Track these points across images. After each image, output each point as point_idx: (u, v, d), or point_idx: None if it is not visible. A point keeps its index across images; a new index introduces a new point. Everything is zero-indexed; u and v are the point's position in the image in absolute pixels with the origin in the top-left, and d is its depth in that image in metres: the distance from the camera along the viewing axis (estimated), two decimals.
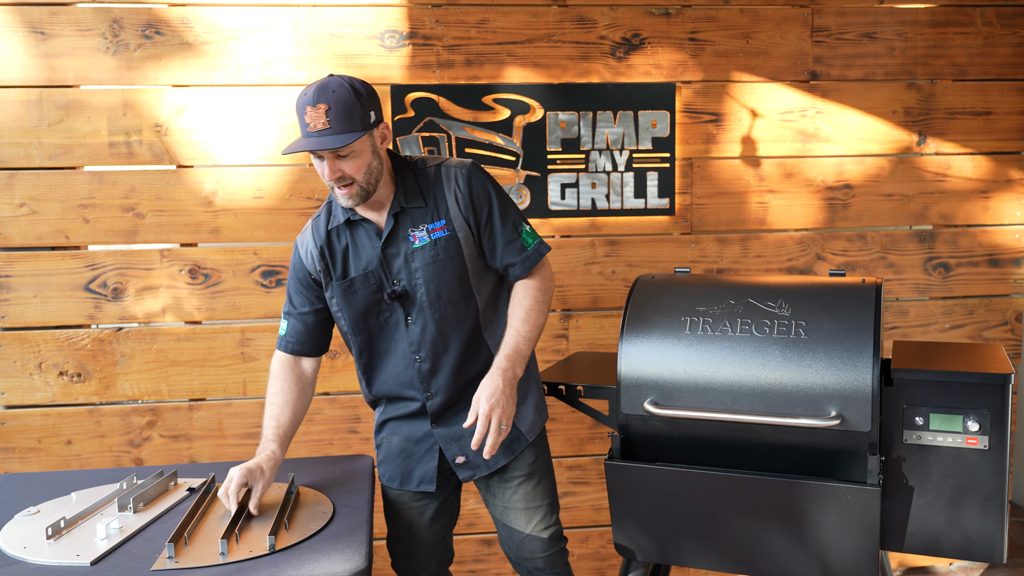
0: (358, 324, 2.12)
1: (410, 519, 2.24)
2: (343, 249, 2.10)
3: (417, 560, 2.28)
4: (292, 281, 2.18)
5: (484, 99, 3.01)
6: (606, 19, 3.05)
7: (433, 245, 2.06)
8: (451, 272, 2.07)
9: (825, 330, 1.97)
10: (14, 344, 2.90)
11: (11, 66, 2.82)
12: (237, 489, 1.86)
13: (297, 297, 2.17)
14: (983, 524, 1.97)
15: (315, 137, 1.90)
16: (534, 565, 2.25)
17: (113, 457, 2.97)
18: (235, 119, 2.92)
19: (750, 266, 3.20)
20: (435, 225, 2.07)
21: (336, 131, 1.89)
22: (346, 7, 2.93)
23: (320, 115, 1.88)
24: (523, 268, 2.12)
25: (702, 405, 2.02)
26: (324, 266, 2.10)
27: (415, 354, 2.11)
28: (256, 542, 1.75)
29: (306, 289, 2.15)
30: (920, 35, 3.18)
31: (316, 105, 1.88)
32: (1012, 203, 3.27)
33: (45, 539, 1.75)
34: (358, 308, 2.10)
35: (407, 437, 2.18)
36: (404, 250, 2.07)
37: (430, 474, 2.17)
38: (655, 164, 3.11)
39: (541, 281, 2.13)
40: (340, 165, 1.93)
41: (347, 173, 1.94)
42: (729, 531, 2.06)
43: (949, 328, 3.29)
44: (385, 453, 2.23)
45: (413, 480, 2.19)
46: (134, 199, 2.90)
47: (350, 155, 1.93)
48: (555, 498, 2.28)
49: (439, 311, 2.08)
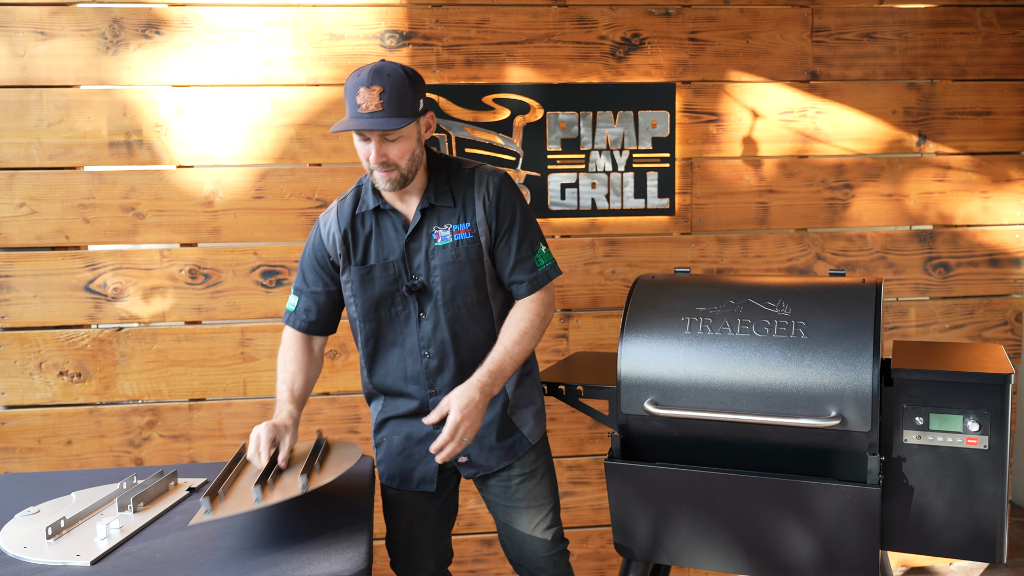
0: (369, 312, 2.12)
1: (409, 518, 2.24)
2: (366, 235, 2.10)
3: (416, 559, 2.28)
4: (309, 259, 2.17)
5: (484, 99, 3.01)
6: (606, 19, 3.05)
7: (455, 246, 2.07)
8: (469, 274, 2.08)
9: (825, 330, 1.97)
10: (14, 344, 2.90)
11: (11, 66, 2.82)
12: (268, 444, 1.88)
13: (311, 275, 2.17)
14: (983, 524, 1.96)
15: (367, 118, 1.90)
16: (536, 565, 2.25)
17: (113, 457, 2.97)
18: (235, 119, 2.92)
19: (750, 266, 3.20)
20: (460, 227, 2.08)
21: (388, 114, 1.90)
22: (346, 7, 2.94)
23: (374, 97, 1.89)
24: (528, 288, 2.11)
25: (702, 405, 2.02)
26: (345, 250, 2.11)
27: (424, 350, 2.11)
28: (289, 487, 1.76)
29: (322, 269, 2.15)
30: (920, 35, 3.18)
31: (371, 87, 1.89)
32: (1012, 203, 3.27)
33: (45, 539, 1.75)
34: (373, 296, 2.11)
35: (408, 437, 2.18)
36: (426, 246, 2.07)
37: (430, 475, 2.17)
38: (655, 164, 3.11)
39: (541, 307, 2.11)
40: (386, 149, 1.94)
41: (392, 158, 1.95)
42: (729, 531, 2.06)
43: (949, 328, 3.29)
44: (385, 452, 2.22)
45: (413, 480, 2.19)
46: (134, 199, 2.91)
47: (397, 140, 1.94)
48: (557, 499, 2.28)
49: (452, 311, 2.09)
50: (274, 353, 2.98)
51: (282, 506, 1.92)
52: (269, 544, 1.73)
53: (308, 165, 2.97)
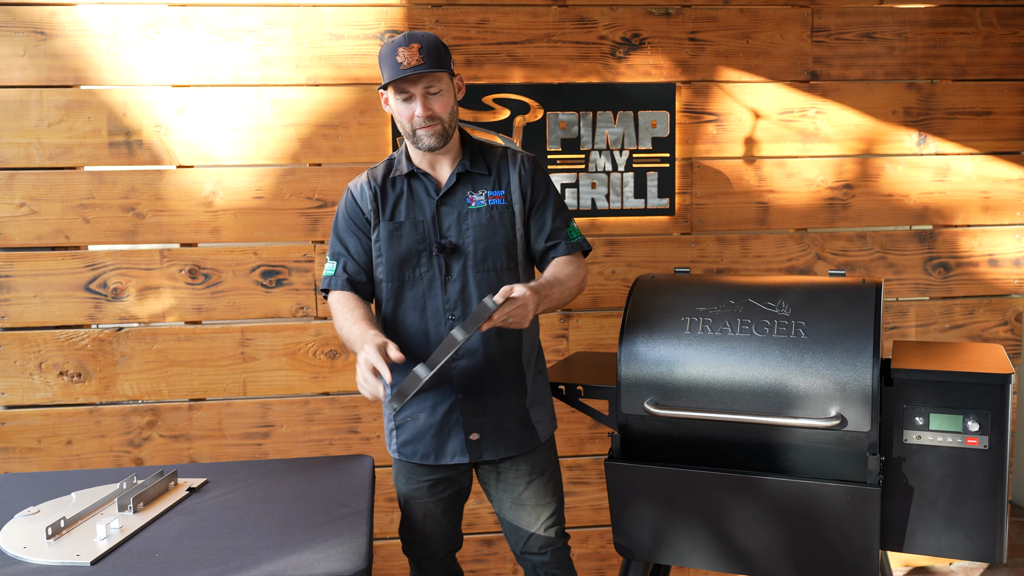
0: (393, 271, 2.16)
1: (425, 504, 2.25)
2: (396, 196, 2.18)
3: (430, 548, 2.31)
4: (343, 221, 2.21)
5: (484, 99, 3.01)
6: (606, 19, 3.05)
7: (489, 210, 2.16)
8: (501, 238, 2.16)
9: (825, 330, 1.97)
10: (14, 344, 2.90)
11: (11, 66, 2.82)
12: (381, 352, 1.91)
13: (348, 237, 2.20)
14: (983, 524, 1.97)
15: (411, 70, 2.01)
16: (541, 560, 2.28)
17: (113, 457, 2.97)
18: (235, 119, 2.92)
19: (750, 266, 3.20)
20: (495, 192, 2.19)
21: (429, 66, 2.02)
22: (346, 7, 2.93)
23: (414, 53, 2.02)
24: (566, 248, 2.20)
25: (702, 405, 2.02)
26: (376, 207, 2.17)
27: (450, 312, 2.14)
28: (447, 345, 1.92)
29: (358, 228, 2.20)
30: (920, 35, 3.18)
31: (409, 45, 2.02)
32: (1012, 203, 3.27)
33: (45, 539, 1.75)
34: (399, 254, 2.15)
35: (432, 412, 2.19)
36: (459, 210, 2.16)
37: (462, 446, 2.19)
38: (655, 164, 3.11)
39: (579, 268, 2.19)
40: (430, 103, 2.06)
41: (436, 112, 2.07)
42: (729, 531, 2.06)
43: (949, 328, 3.29)
44: (412, 432, 2.21)
45: (447, 453, 2.20)
46: (134, 199, 2.91)
47: (439, 93, 2.07)
48: (562, 496, 2.32)
49: (482, 272, 2.15)
50: (274, 353, 3.00)
51: (282, 506, 1.92)
52: (269, 544, 1.73)
53: (308, 165, 2.97)
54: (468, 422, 2.17)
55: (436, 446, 2.20)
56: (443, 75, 2.08)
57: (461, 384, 2.16)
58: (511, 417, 2.20)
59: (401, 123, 2.11)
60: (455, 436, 2.18)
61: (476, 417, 2.17)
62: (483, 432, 2.18)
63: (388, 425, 2.27)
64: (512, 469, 2.24)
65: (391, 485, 3.08)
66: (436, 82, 2.06)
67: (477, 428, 2.18)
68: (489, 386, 2.17)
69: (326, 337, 3.01)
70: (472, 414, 2.17)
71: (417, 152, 2.18)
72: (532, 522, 2.26)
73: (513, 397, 2.20)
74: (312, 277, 3.00)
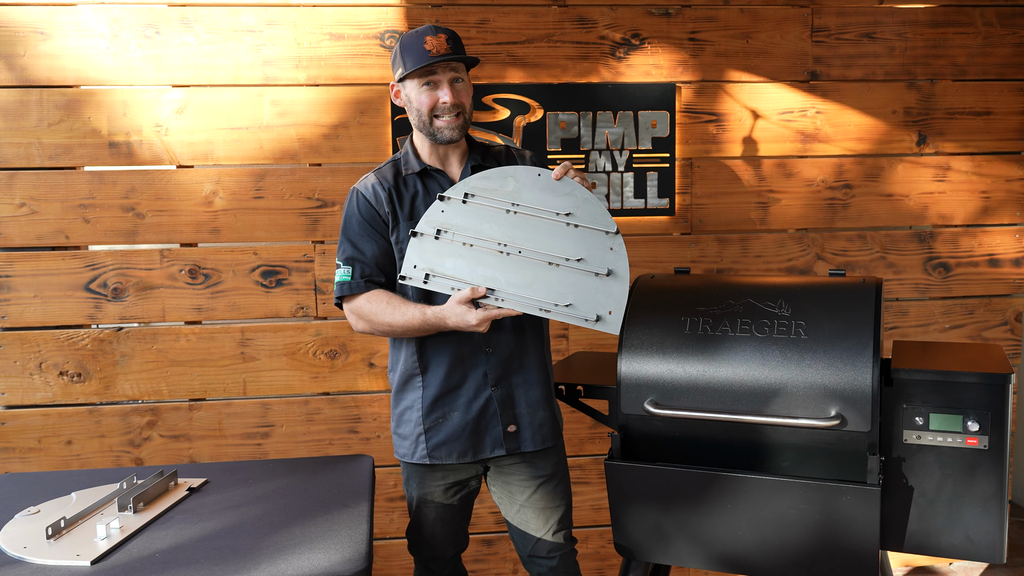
0: None
1: (437, 507, 2.25)
2: (412, 194, 2.18)
3: (438, 549, 2.31)
4: (359, 226, 2.16)
5: (484, 99, 3.01)
6: (606, 19, 3.05)
7: None
8: None
9: (825, 330, 1.97)
10: (14, 344, 2.90)
11: (11, 66, 2.82)
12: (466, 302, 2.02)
13: (367, 243, 2.16)
14: (983, 524, 1.97)
15: (441, 57, 2.06)
16: (549, 564, 2.28)
17: (113, 457, 2.97)
18: (235, 119, 2.92)
19: (750, 266, 3.20)
20: None
21: (459, 54, 2.09)
22: (346, 7, 2.94)
23: (442, 41, 2.07)
24: None
25: (702, 405, 2.02)
26: (392, 208, 2.16)
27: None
28: None
29: (373, 229, 2.16)
30: (920, 35, 3.18)
31: (437, 35, 2.08)
32: (1012, 203, 3.27)
33: (45, 539, 1.75)
34: None
35: (467, 410, 2.18)
36: None
37: (500, 439, 2.20)
38: (655, 164, 3.11)
39: None
40: (458, 91, 2.11)
41: (462, 100, 2.12)
42: (729, 531, 2.06)
43: (949, 328, 3.29)
44: (447, 433, 2.20)
45: (486, 448, 2.21)
46: (134, 199, 2.91)
47: (463, 84, 2.13)
48: (570, 500, 2.32)
49: None
50: (274, 353, 3.00)
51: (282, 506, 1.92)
52: (269, 544, 1.73)
53: (308, 165, 2.97)
54: (505, 414, 2.19)
55: (474, 442, 2.20)
56: (464, 68, 2.14)
57: (496, 377, 2.18)
58: (543, 407, 2.24)
59: (420, 113, 2.11)
60: (492, 430, 2.20)
61: (512, 409, 2.20)
62: (520, 423, 2.21)
63: (414, 432, 2.22)
64: (521, 472, 2.24)
65: (391, 485, 3.08)
66: (461, 72, 2.12)
67: (514, 420, 2.20)
68: (521, 379, 2.21)
69: (326, 337, 3.01)
70: (508, 406, 2.19)
71: (427, 149, 2.18)
72: (540, 526, 2.26)
73: (543, 387, 2.24)
74: (312, 277, 3.00)
